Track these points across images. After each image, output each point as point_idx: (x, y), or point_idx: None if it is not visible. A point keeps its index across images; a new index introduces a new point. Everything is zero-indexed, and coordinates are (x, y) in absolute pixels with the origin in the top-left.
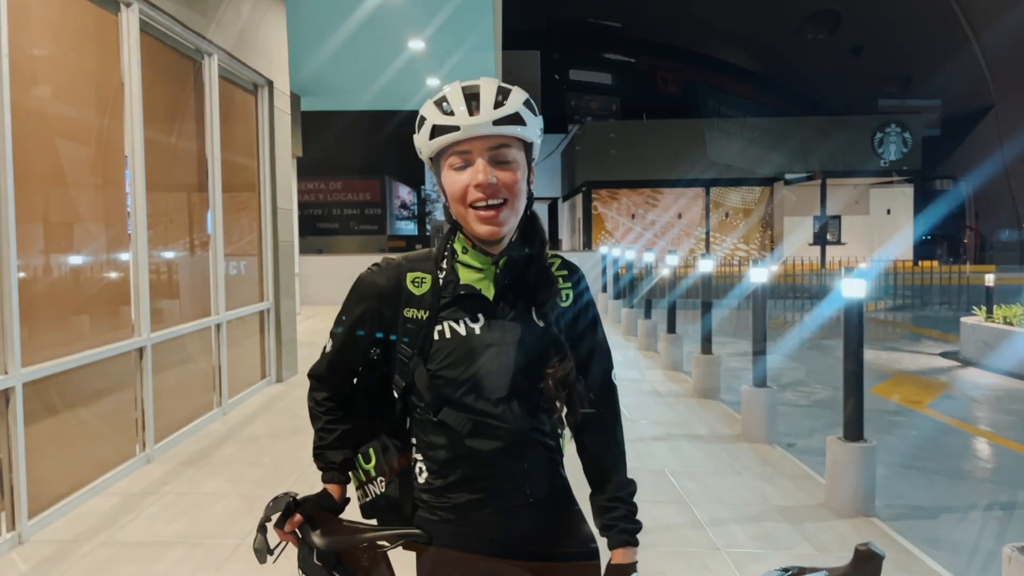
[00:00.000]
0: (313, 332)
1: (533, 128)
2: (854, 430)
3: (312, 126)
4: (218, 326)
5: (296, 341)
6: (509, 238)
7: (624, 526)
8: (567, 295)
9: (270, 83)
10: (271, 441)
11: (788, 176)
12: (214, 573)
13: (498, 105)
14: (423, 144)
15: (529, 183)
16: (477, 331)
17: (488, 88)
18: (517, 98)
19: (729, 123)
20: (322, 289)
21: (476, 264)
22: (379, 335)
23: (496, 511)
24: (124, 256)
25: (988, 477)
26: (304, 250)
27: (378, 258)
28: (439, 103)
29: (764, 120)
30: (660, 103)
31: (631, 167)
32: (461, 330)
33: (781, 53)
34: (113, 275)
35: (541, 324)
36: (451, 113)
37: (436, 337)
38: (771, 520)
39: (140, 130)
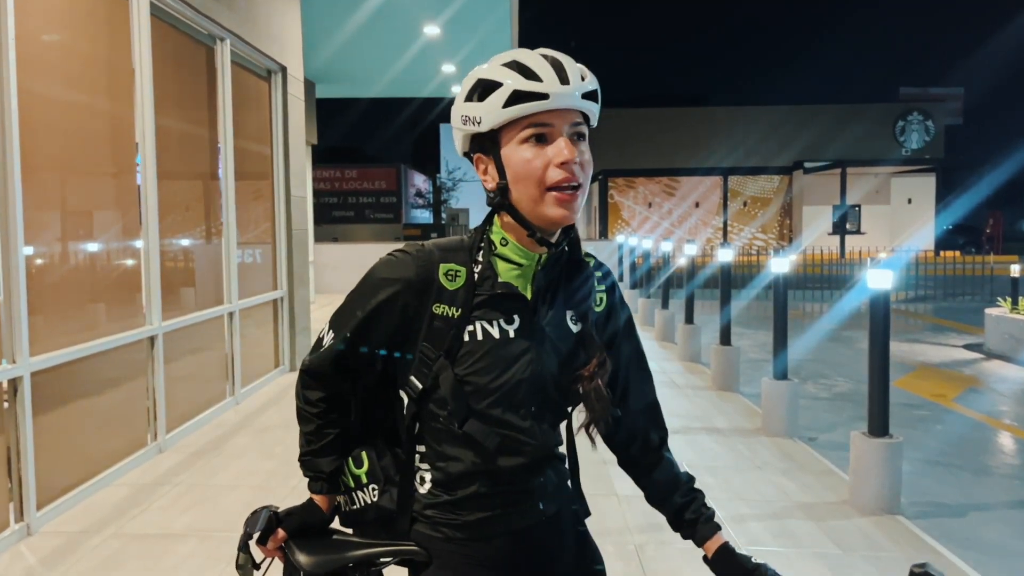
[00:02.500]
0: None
1: (597, 110)
2: (879, 425)
3: (327, 113)
4: (231, 315)
5: (310, 330)
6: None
7: (707, 513)
8: (601, 299)
9: (284, 69)
10: (284, 431)
11: (808, 164)
12: (224, 567)
13: (583, 77)
14: (490, 112)
15: None
16: (511, 334)
17: (567, 59)
18: (591, 74)
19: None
20: (337, 277)
21: (516, 259)
22: (398, 330)
23: (508, 530)
24: (135, 244)
25: (1015, 474)
26: (319, 238)
27: (393, 247)
28: (517, 66)
29: (784, 108)
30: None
31: (648, 155)
32: (494, 332)
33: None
34: (124, 263)
35: (574, 329)
36: (538, 79)
37: (466, 338)
38: (793, 517)
39: (151, 117)
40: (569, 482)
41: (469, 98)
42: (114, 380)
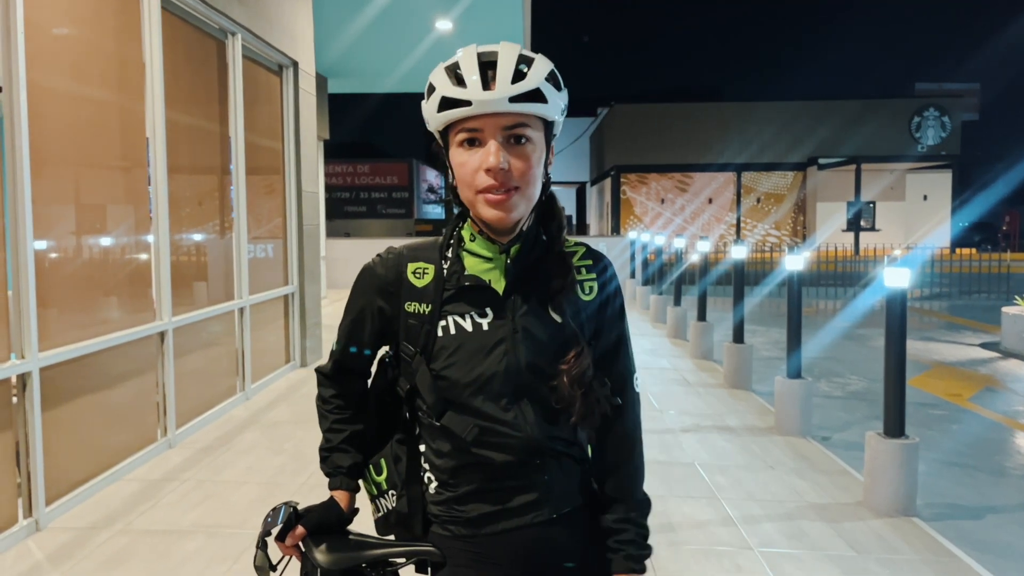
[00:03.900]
0: (339, 316)
1: (555, 105)
2: (895, 426)
3: (340, 108)
4: (241, 310)
5: (321, 325)
6: (521, 226)
7: (631, 552)
8: (591, 287)
9: (295, 64)
10: (293, 427)
11: (822, 160)
12: (231, 564)
13: (517, 78)
14: (430, 116)
15: (547, 165)
16: (485, 327)
17: (507, 57)
18: (540, 71)
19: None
20: (349, 273)
21: (484, 253)
22: (384, 334)
23: (515, 527)
24: (145, 239)
25: None
26: (331, 233)
27: (406, 243)
28: (451, 70)
29: (798, 103)
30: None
31: (661, 151)
32: (467, 326)
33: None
34: (134, 258)
35: (557, 319)
36: (462, 83)
37: (440, 334)
38: (806, 518)
39: (162, 111)
40: (593, 482)
41: (425, 99)
42: (124, 375)
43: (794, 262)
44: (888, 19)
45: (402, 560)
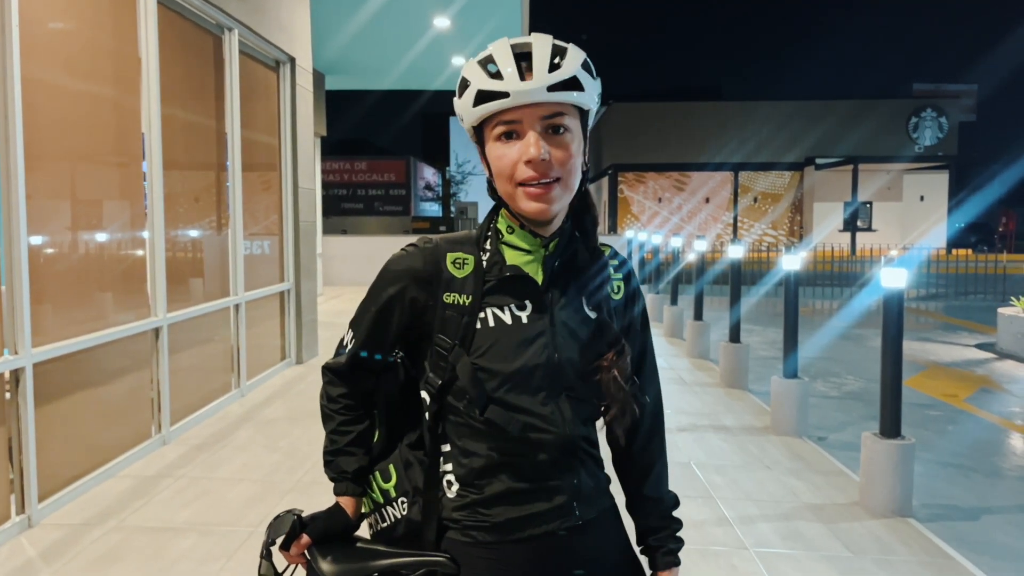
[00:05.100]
0: (335, 313)
1: (591, 93)
2: (891, 427)
3: (337, 105)
4: (237, 307)
5: (317, 322)
6: (561, 218)
7: (671, 547)
8: (618, 287)
9: (292, 60)
10: (289, 424)
11: (819, 160)
12: (225, 562)
13: (554, 67)
14: (465, 111)
15: (584, 155)
16: (524, 319)
17: (542, 47)
18: (575, 59)
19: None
20: (345, 270)
21: (524, 245)
22: (412, 325)
23: (542, 534)
24: (141, 235)
25: None
26: (328, 230)
27: (404, 240)
28: (485, 63)
29: (796, 103)
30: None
31: (658, 150)
32: (506, 318)
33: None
34: (129, 254)
35: (592, 315)
36: (499, 76)
37: (479, 326)
38: (802, 518)
39: (157, 107)
40: (609, 489)
41: (458, 95)
42: (118, 371)
43: (791, 262)
44: (886, 19)
45: (413, 571)
